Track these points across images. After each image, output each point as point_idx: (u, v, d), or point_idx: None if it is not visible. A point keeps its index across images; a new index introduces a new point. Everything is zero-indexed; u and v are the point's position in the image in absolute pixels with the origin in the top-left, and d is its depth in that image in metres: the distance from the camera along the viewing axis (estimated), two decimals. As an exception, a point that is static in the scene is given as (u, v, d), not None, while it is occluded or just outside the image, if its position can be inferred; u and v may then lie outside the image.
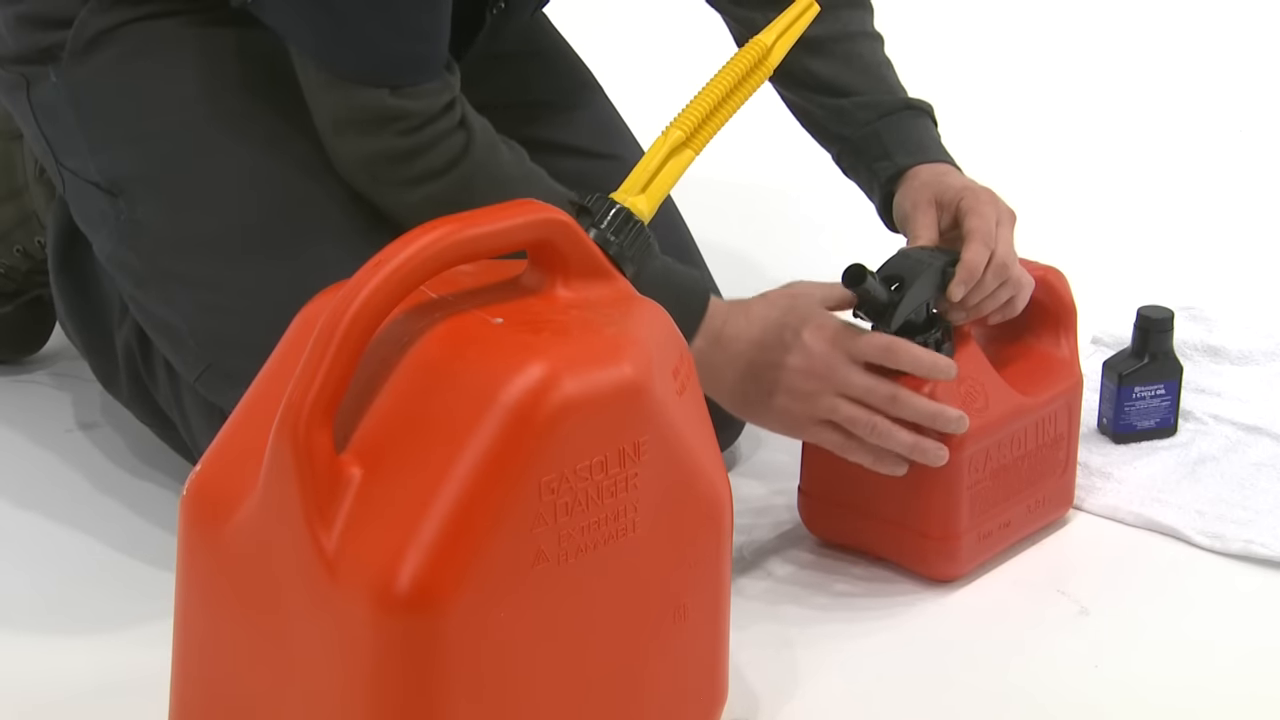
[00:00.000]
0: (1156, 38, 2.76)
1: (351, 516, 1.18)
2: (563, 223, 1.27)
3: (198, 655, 1.29)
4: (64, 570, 1.60)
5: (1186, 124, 2.49)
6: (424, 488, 1.17)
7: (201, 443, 1.62)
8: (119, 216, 1.58)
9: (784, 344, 1.51)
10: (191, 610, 1.28)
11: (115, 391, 1.72)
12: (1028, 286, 1.59)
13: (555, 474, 1.20)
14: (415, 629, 1.17)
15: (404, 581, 1.16)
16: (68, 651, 1.50)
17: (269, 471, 1.19)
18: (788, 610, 1.55)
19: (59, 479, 1.72)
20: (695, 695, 1.34)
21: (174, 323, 1.57)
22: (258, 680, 1.24)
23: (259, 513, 1.21)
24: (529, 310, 1.27)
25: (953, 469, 1.54)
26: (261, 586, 1.22)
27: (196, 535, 1.26)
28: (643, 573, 1.26)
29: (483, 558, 1.18)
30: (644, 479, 1.24)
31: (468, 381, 1.20)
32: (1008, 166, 2.36)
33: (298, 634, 1.21)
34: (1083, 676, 1.49)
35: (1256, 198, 2.30)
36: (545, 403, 1.19)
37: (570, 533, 1.21)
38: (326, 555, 1.18)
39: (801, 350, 1.51)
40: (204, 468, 1.27)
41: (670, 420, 1.26)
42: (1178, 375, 1.77)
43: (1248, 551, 1.64)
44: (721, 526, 1.32)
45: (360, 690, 1.19)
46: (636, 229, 1.37)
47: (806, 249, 2.21)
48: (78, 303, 1.72)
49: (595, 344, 1.24)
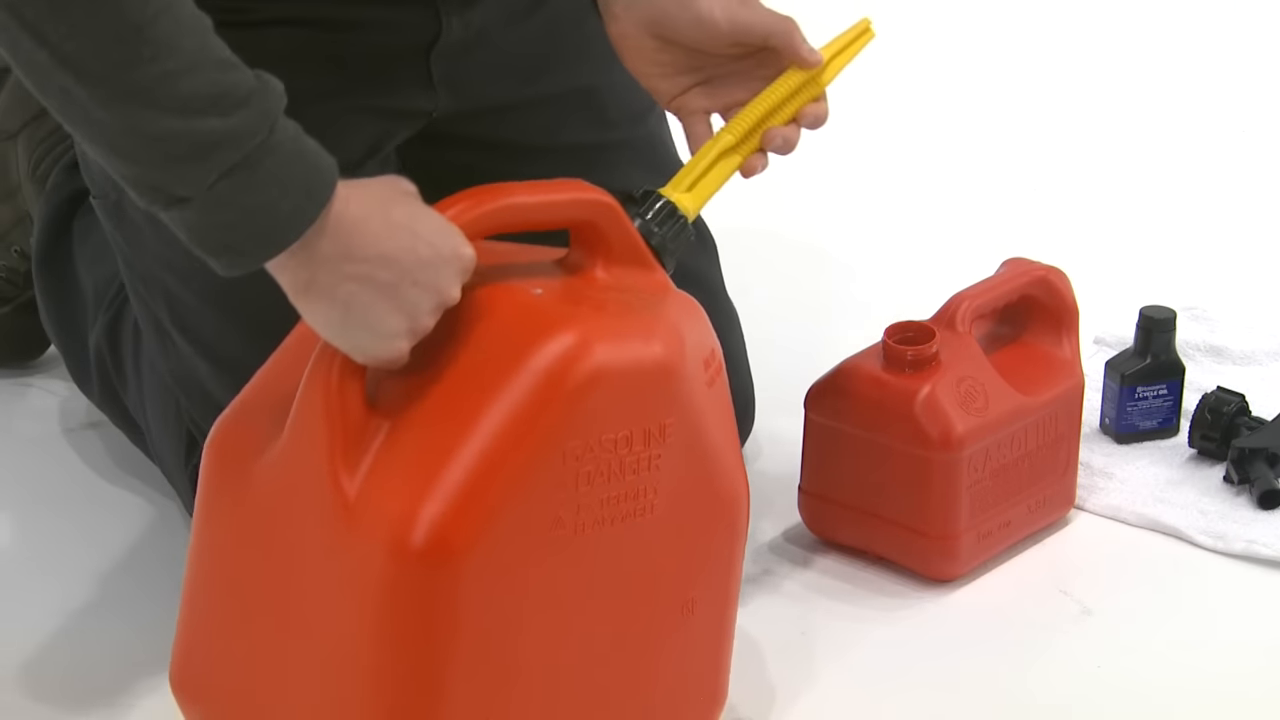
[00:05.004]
0: (1158, 38, 2.75)
1: (375, 465, 1.20)
2: (608, 205, 1.29)
3: (205, 599, 1.30)
4: (64, 570, 1.59)
5: (1189, 124, 2.49)
6: (449, 441, 1.19)
7: (162, 452, 1.61)
8: (108, 195, 1.55)
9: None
10: (205, 554, 1.29)
11: (88, 392, 1.71)
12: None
13: (581, 441, 1.21)
14: (428, 579, 1.18)
15: (421, 530, 1.17)
16: (68, 652, 1.50)
17: (298, 415, 1.21)
18: (788, 610, 1.55)
19: (59, 479, 1.72)
20: (695, 695, 1.34)
21: (157, 316, 1.55)
22: (265, 626, 1.25)
23: (284, 456, 1.23)
24: (568, 286, 1.29)
25: (952, 469, 1.53)
26: (279, 531, 1.24)
27: (218, 479, 1.28)
28: (655, 559, 1.27)
29: (501, 515, 1.19)
30: (666, 462, 1.25)
31: (502, 344, 1.22)
32: (1009, 166, 2.36)
33: (311, 579, 1.22)
34: (1084, 676, 1.49)
35: (1259, 198, 2.30)
36: (577, 369, 1.21)
37: (589, 504, 1.22)
38: (347, 500, 1.19)
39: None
40: (231, 413, 1.29)
41: (698, 408, 1.27)
42: (1180, 375, 1.77)
43: (1250, 552, 1.63)
44: (737, 526, 1.33)
45: (367, 637, 1.20)
46: (680, 224, 1.38)
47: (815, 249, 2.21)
48: (56, 302, 1.72)
49: (631, 322, 1.26)
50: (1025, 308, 1.65)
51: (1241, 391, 1.75)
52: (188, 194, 1.16)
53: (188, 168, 1.16)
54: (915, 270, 2.06)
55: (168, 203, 1.17)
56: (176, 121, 1.14)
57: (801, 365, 1.67)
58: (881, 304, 1.76)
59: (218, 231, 1.18)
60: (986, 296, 1.62)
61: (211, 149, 1.15)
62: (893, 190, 2.30)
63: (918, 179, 2.32)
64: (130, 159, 1.17)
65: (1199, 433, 1.74)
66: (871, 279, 2.08)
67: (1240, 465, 1.69)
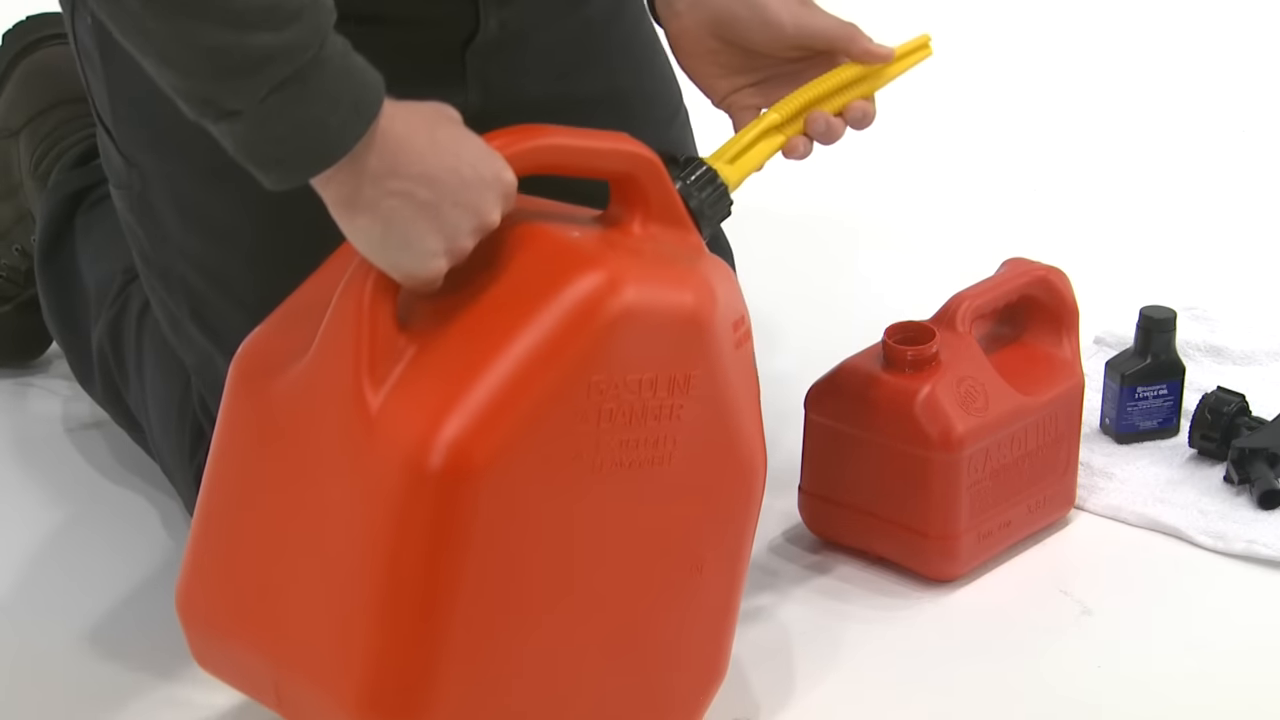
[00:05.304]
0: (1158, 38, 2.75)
1: (400, 381, 1.21)
2: (650, 160, 1.31)
3: (219, 517, 1.30)
4: (64, 571, 1.59)
5: (1189, 124, 2.48)
6: (475, 363, 1.20)
7: (163, 452, 1.61)
8: (131, 186, 1.55)
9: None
10: (222, 470, 1.30)
11: (90, 390, 1.71)
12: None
13: (606, 376, 1.22)
14: (444, 495, 1.19)
15: (440, 447, 1.18)
16: (68, 652, 1.50)
17: (328, 328, 1.23)
18: (788, 610, 1.55)
19: (60, 479, 1.72)
20: (695, 664, 1.35)
21: (174, 311, 1.56)
22: (277, 542, 1.26)
23: (310, 369, 1.24)
24: (605, 235, 1.31)
25: (952, 469, 1.53)
26: (299, 444, 1.25)
27: (241, 392, 1.29)
28: (669, 512, 1.29)
29: (522, 440, 1.20)
30: (688, 414, 1.27)
31: (536, 276, 1.24)
32: (1009, 166, 2.36)
33: (328, 493, 1.23)
34: (1084, 677, 1.49)
35: (1259, 198, 2.30)
36: (610, 303, 1.23)
37: (609, 443, 1.24)
38: (369, 414, 1.20)
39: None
40: (258, 333, 1.30)
41: (723, 366, 1.29)
42: (1180, 375, 1.77)
43: (1250, 552, 1.63)
44: (753, 492, 1.34)
45: (377, 552, 1.20)
46: (720, 191, 1.40)
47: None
48: (58, 299, 1.72)
49: (666, 270, 1.28)
50: (1025, 308, 1.65)
51: (1241, 391, 1.75)
52: (239, 107, 1.18)
53: (240, 81, 1.17)
54: (915, 270, 2.06)
55: (218, 116, 1.19)
56: (229, 34, 1.15)
57: (801, 365, 1.67)
58: (881, 304, 1.76)
59: (267, 145, 1.19)
60: (986, 296, 1.62)
61: (264, 62, 1.16)
62: (893, 190, 2.30)
63: (918, 179, 2.32)
64: (182, 71, 1.18)
65: (1199, 433, 1.74)
66: (871, 279, 2.08)
67: (1240, 465, 1.69)
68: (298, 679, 1.25)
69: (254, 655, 1.28)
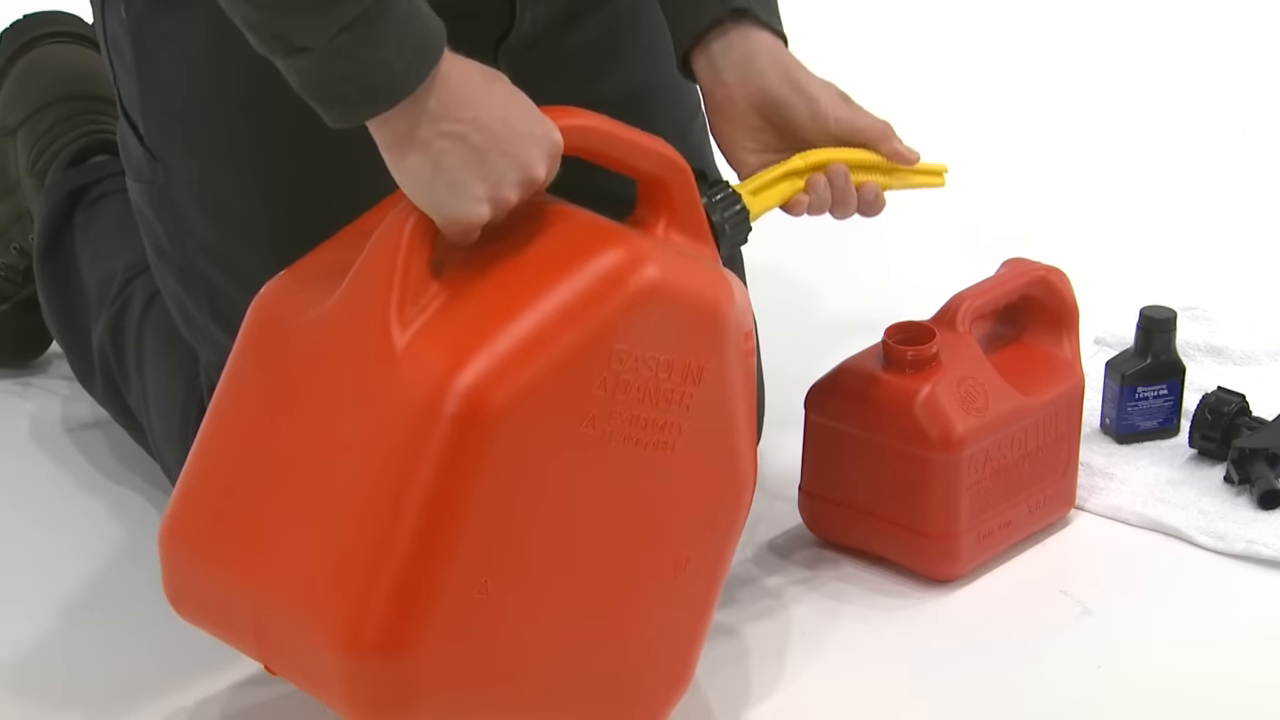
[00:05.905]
0: (1158, 38, 2.75)
1: (427, 324, 1.24)
2: (683, 168, 1.36)
3: (218, 448, 1.32)
4: (64, 571, 1.59)
5: (1189, 124, 2.49)
6: (503, 313, 1.23)
7: (163, 451, 1.61)
8: (154, 180, 1.55)
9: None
10: (227, 401, 1.32)
11: (91, 389, 1.71)
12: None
13: (627, 346, 1.25)
14: (458, 438, 1.20)
15: (460, 389, 1.20)
16: (68, 652, 1.50)
17: (361, 268, 1.26)
18: (788, 610, 1.55)
19: (59, 479, 1.72)
20: (665, 666, 1.35)
21: (190, 307, 1.55)
22: (279, 475, 1.27)
23: (334, 310, 1.27)
24: (633, 229, 1.35)
25: (952, 469, 1.53)
26: (315, 380, 1.27)
27: (258, 332, 1.31)
28: (664, 501, 1.30)
29: (539, 393, 1.22)
30: (696, 407, 1.30)
31: (571, 244, 1.27)
32: (1009, 166, 2.36)
33: (338, 427, 1.24)
34: (1085, 677, 1.49)
35: (1259, 198, 2.30)
36: (639, 276, 1.26)
37: (621, 416, 1.26)
38: (394, 351, 1.23)
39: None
40: (280, 279, 1.32)
41: (731, 370, 1.32)
42: (1180, 375, 1.77)
43: (1250, 552, 1.63)
44: (741, 503, 1.36)
45: (386, 486, 1.21)
46: (742, 215, 1.43)
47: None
48: (58, 298, 1.72)
49: (689, 263, 1.32)
50: (1025, 308, 1.65)
51: (1241, 391, 1.76)
52: (308, 44, 1.21)
53: (312, 18, 1.20)
54: (916, 270, 2.06)
55: (287, 51, 1.22)
56: None
57: (801, 365, 1.67)
58: (882, 304, 1.76)
59: (333, 83, 1.23)
60: (986, 297, 1.62)
61: (334, 2, 1.20)
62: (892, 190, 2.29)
63: (918, 179, 2.32)
64: (256, 4, 1.21)
65: (1199, 433, 1.74)
66: (872, 279, 2.08)
67: (1240, 465, 1.69)
68: (282, 613, 1.25)
69: (237, 589, 1.28)
